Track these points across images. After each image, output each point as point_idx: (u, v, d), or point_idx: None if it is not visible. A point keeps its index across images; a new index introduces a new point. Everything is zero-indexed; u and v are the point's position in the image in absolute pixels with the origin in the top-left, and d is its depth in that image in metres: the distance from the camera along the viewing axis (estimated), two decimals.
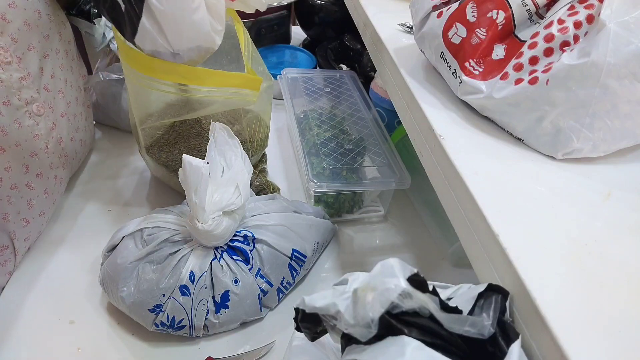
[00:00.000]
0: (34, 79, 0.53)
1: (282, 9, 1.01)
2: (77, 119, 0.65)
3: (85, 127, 0.68)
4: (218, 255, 0.52)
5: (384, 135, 0.73)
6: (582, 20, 0.36)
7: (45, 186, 0.57)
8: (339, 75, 0.90)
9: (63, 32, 0.58)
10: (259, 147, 0.70)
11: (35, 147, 0.54)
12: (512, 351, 0.25)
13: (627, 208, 0.35)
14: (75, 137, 0.64)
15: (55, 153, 0.58)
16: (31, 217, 0.56)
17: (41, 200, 0.57)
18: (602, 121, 0.36)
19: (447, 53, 0.44)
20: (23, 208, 0.54)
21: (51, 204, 0.61)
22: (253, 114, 0.68)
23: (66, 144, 0.61)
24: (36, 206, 0.56)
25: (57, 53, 0.58)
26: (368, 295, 0.25)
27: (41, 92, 0.54)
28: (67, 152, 0.62)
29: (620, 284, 0.29)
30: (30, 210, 0.56)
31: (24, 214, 0.55)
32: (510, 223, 0.32)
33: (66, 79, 0.60)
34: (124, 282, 0.50)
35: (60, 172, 0.61)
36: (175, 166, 0.64)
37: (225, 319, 0.52)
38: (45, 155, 0.56)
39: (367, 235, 0.70)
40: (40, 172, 0.56)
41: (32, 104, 0.53)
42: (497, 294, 0.28)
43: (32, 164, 0.54)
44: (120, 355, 0.51)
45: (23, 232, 0.56)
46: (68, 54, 0.59)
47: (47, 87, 0.56)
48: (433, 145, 0.41)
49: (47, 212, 0.60)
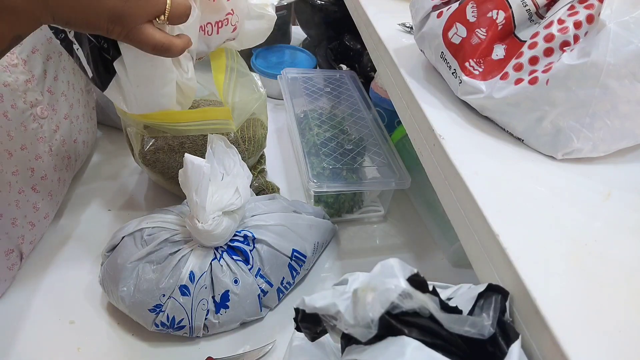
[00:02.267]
0: (38, 81, 0.53)
1: (282, 9, 1.01)
2: (80, 120, 0.65)
3: (87, 129, 0.68)
4: (218, 255, 0.52)
5: (384, 135, 0.73)
6: (582, 20, 0.36)
7: (50, 189, 0.58)
8: (339, 75, 0.90)
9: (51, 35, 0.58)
10: (256, 149, 0.70)
11: (39, 150, 0.54)
12: (512, 351, 0.25)
13: (627, 208, 0.35)
14: (78, 138, 0.64)
15: (59, 155, 0.58)
16: (37, 220, 0.56)
17: (46, 203, 0.57)
18: (602, 121, 0.36)
19: (447, 53, 0.44)
20: (29, 211, 0.55)
21: (55, 205, 0.61)
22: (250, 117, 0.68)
23: (69, 146, 0.61)
24: (41, 209, 0.57)
25: (59, 55, 0.58)
26: (368, 296, 0.25)
27: (45, 95, 0.54)
28: (70, 154, 0.62)
29: (620, 284, 0.29)
30: (36, 214, 0.56)
31: (30, 217, 0.55)
32: (510, 223, 0.32)
33: (69, 81, 0.60)
34: (124, 282, 0.50)
35: (64, 174, 0.61)
36: (171, 173, 0.64)
37: (225, 319, 0.52)
38: (50, 158, 0.56)
39: (367, 235, 0.70)
40: (45, 175, 0.56)
41: (36, 106, 0.53)
42: (497, 294, 0.28)
43: (37, 167, 0.54)
44: (120, 355, 0.51)
45: (29, 235, 0.56)
46: (62, 55, 0.60)
47: (50, 89, 0.56)
48: (433, 145, 0.41)
49: (50, 214, 0.60)
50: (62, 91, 0.59)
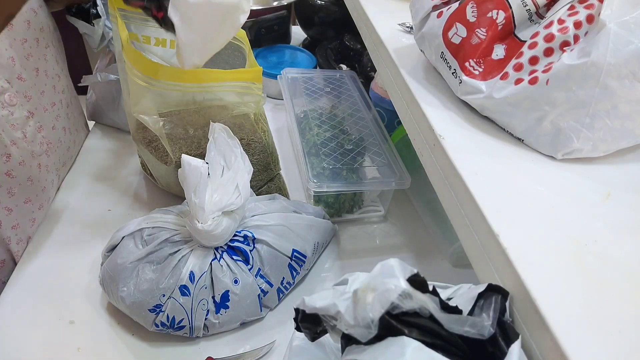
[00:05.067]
0: (3, 69, 0.53)
1: (282, 9, 1.01)
2: (57, 107, 0.65)
3: (67, 115, 0.68)
4: (218, 255, 0.52)
5: (384, 135, 0.73)
6: (582, 20, 0.36)
7: (29, 174, 0.58)
8: (339, 75, 0.90)
9: (32, 19, 0.58)
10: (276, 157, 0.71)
11: (13, 136, 0.55)
12: (512, 351, 0.25)
13: (627, 208, 0.35)
14: (57, 125, 0.65)
15: (34, 141, 0.59)
16: (14, 204, 0.57)
17: (24, 188, 0.58)
18: (602, 121, 0.36)
19: (447, 53, 0.44)
20: (3, 196, 0.55)
21: (40, 191, 0.61)
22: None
23: (47, 132, 0.62)
24: (18, 194, 0.57)
25: (23, 42, 0.57)
26: (368, 296, 0.25)
27: (13, 82, 0.55)
28: (49, 140, 0.62)
29: (620, 284, 0.29)
30: (11, 198, 0.56)
31: (5, 203, 0.56)
32: (510, 223, 0.32)
33: (37, 67, 0.60)
34: (124, 282, 0.50)
35: (44, 160, 0.61)
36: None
37: (225, 319, 0.52)
38: (25, 144, 0.57)
39: (367, 235, 0.70)
40: (22, 161, 0.56)
41: (3, 94, 0.53)
42: (497, 294, 0.28)
43: (13, 152, 0.55)
44: (120, 355, 0.51)
45: (8, 220, 0.56)
46: (40, 42, 0.59)
47: (20, 76, 0.56)
48: (433, 145, 0.41)
49: (34, 199, 0.60)
50: (34, 77, 0.59)
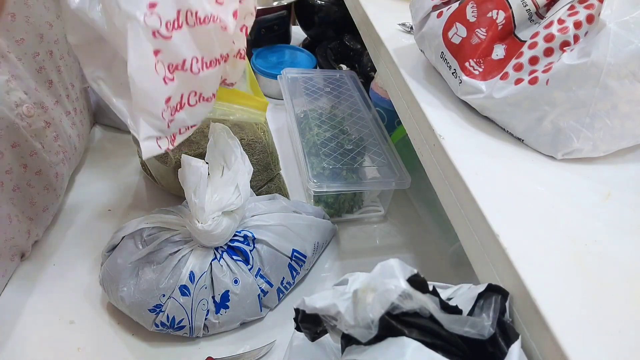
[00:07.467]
0: (21, 80, 0.54)
1: (282, 9, 1.01)
2: (72, 115, 0.65)
3: (81, 121, 0.69)
4: (218, 255, 0.52)
5: (384, 135, 0.73)
6: (582, 20, 0.36)
7: (46, 183, 0.59)
8: (339, 75, 0.89)
9: (45, 33, 0.58)
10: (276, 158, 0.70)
11: (33, 147, 0.55)
12: (512, 352, 0.25)
13: (627, 208, 0.35)
14: (72, 133, 0.65)
15: (51, 151, 0.59)
16: (34, 214, 0.57)
17: (42, 197, 0.58)
18: (602, 121, 0.36)
19: (447, 53, 0.44)
20: (26, 207, 0.56)
21: (55, 199, 0.62)
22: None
23: (63, 141, 0.62)
24: (38, 203, 0.57)
25: (35, 56, 0.57)
26: (368, 296, 0.25)
27: (30, 93, 0.55)
28: (65, 149, 0.63)
29: (620, 284, 0.29)
30: (32, 208, 0.57)
31: (28, 213, 0.56)
32: (510, 223, 0.32)
33: (52, 79, 0.60)
34: (124, 282, 0.50)
35: (61, 169, 0.62)
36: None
37: (225, 319, 0.52)
38: (44, 155, 0.57)
39: (367, 235, 0.70)
40: (40, 170, 0.57)
41: (21, 105, 0.53)
42: (497, 294, 0.28)
43: (30, 163, 0.55)
44: (120, 355, 0.51)
45: (26, 227, 0.57)
46: (54, 55, 0.60)
47: (37, 88, 0.56)
48: (433, 145, 0.41)
49: (50, 207, 0.61)
50: (48, 88, 0.59)
